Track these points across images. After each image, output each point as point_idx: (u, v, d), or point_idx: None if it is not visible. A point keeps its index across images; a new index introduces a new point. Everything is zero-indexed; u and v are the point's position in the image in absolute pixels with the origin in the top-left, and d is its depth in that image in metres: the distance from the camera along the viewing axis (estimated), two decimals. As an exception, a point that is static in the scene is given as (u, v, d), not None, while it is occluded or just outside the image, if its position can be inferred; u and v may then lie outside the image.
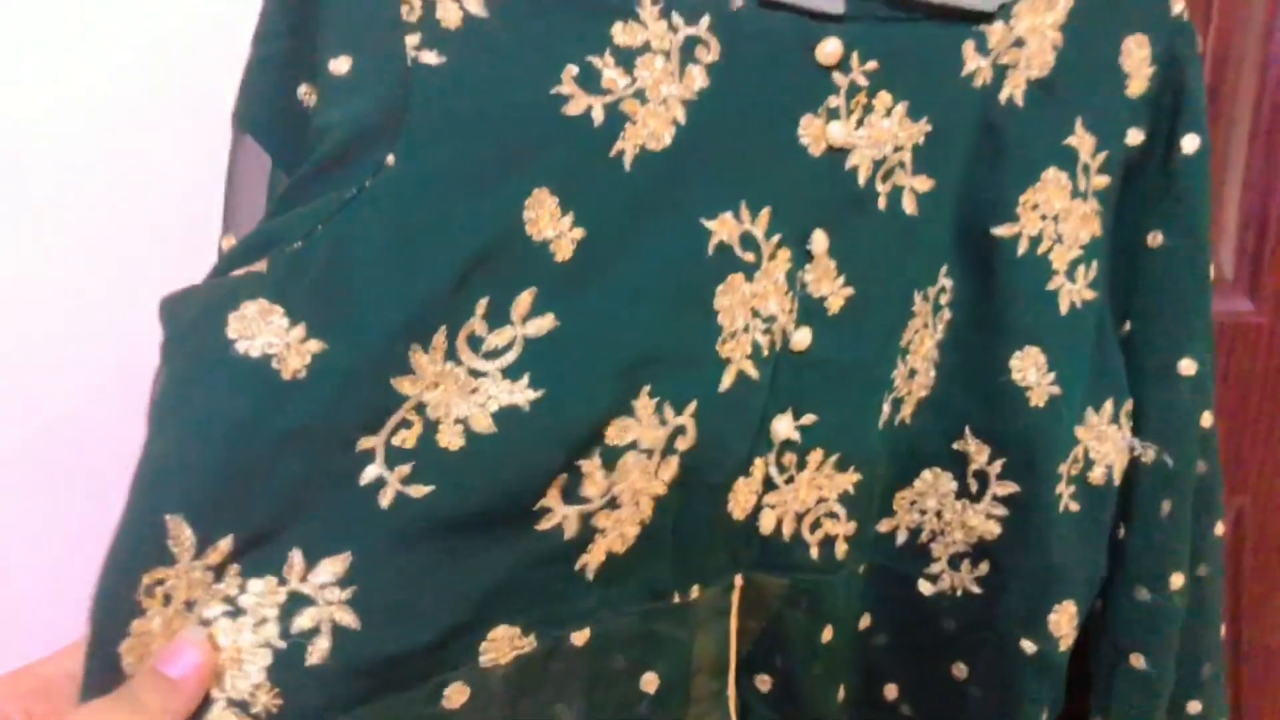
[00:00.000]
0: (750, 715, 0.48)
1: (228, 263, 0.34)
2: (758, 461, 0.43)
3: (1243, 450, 0.68)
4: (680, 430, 0.40)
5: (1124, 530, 0.49)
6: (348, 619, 0.35)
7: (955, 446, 0.47)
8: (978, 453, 0.47)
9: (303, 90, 0.37)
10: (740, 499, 0.43)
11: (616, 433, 0.39)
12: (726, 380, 0.41)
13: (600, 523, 0.39)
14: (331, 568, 0.34)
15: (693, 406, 0.40)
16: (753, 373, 0.42)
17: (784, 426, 0.44)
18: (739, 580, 0.45)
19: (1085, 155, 0.46)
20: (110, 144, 0.52)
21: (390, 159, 0.34)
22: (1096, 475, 0.48)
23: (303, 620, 0.34)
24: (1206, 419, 0.49)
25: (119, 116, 0.51)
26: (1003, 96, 0.44)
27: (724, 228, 0.40)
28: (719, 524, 0.43)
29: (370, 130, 0.34)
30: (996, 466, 0.47)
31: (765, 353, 0.42)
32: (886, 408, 0.46)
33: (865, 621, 0.49)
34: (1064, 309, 0.46)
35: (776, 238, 0.41)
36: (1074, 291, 0.46)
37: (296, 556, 0.34)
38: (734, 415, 0.42)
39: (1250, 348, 0.67)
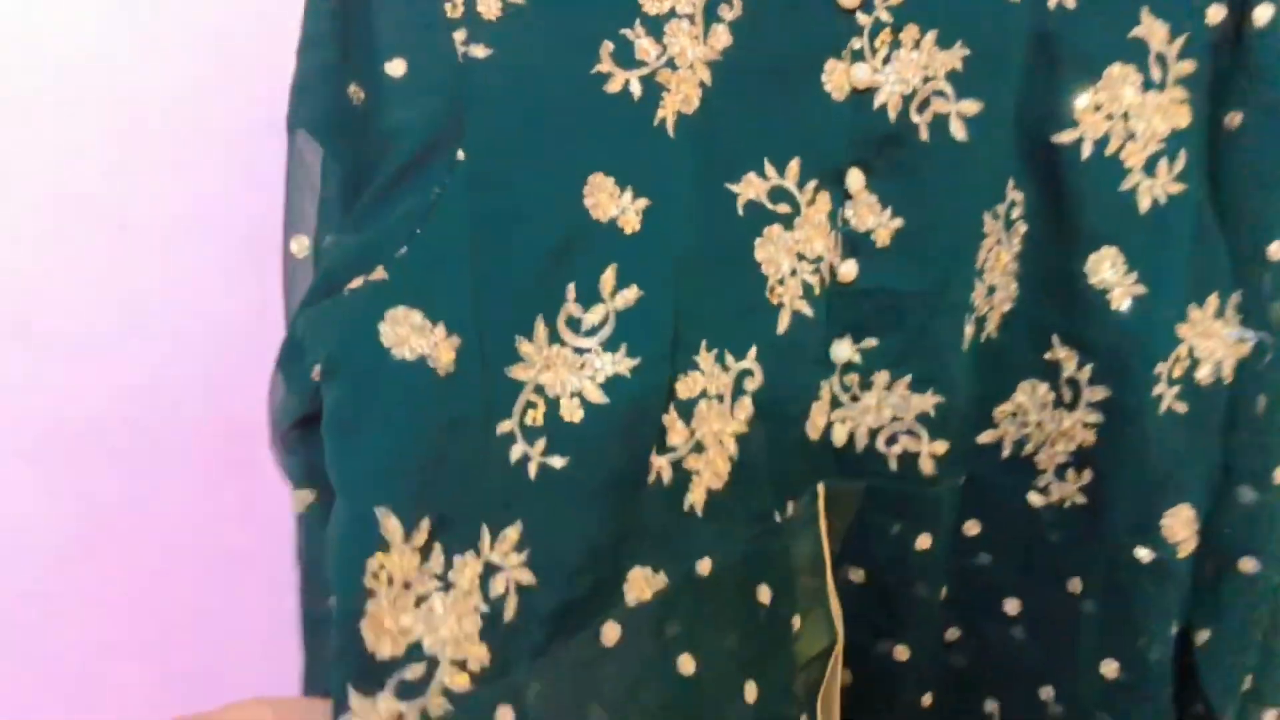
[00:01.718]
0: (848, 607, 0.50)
1: (330, 274, 0.40)
2: (824, 385, 0.47)
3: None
4: (746, 373, 0.45)
5: (1230, 430, 0.46)
6: (527, 578, 0.40)
7: (1046, 356, 0.47)
8: (1067, 360, 0.47)
9: (352, 89, 0.42)
10: (815, 420, 0.47)
11: (685, 387, 0.43)
12: (783, 322, 0.45)
13: (691, 465, 0.44)
14: (511, 536, 0.40)
15: (753, 351, 0.45)
16: (808, 311, 0.45)
17: (844, 350, 0.47)
18: (821, 489, 0.48)
19: (1158, 44, 0.44)
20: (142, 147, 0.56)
21: (460, 154, 0.39)
22: (1203, 374, 0.45)
23: (496, 585, 0.40)
24: None
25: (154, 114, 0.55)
26: (1051, 2, 0.44)
27: (749, 188, 0.44)
28: (800, 446, 0.47)
29: (440, 129, 0.39)
30: (1086, 372, 0.46)
31: (817, 291, 0.46)
32: (969, 328, 0.47)
33: (974, 529, 0.50)
34: (1144, 207, 0.45)
35: (812, 184, 0.45)
36: (1155, 187, 0.45)
37: (485, 531, 0.39)
38: (796, 352, 0.46)
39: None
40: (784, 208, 0.44)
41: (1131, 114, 0.44)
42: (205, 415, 0.64)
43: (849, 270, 0.46)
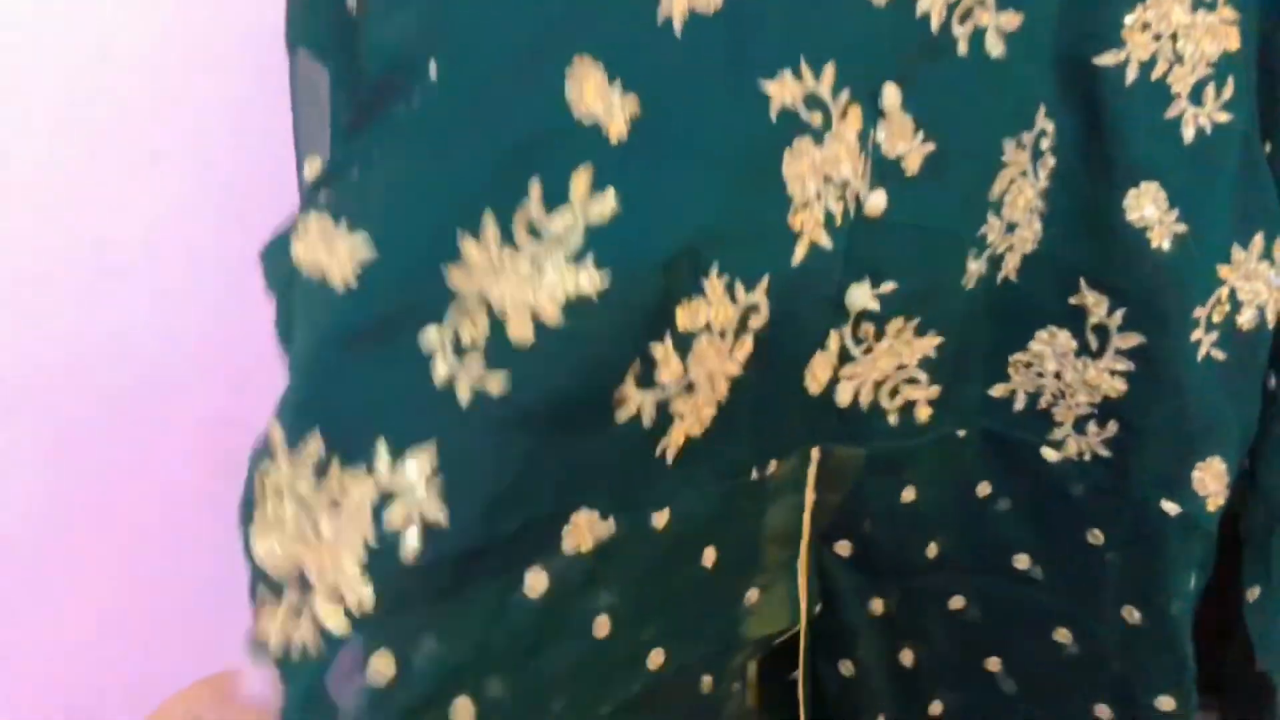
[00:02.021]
0: (830, 579, 0.48)
1: (307, 200, 0.36)
2: (833, 334, 0.42)
3: None
4: (753, 308, 0.39)
5: (1274, 379, 0.44)
6: (436, 513, 0.35)
7: (1071, 301, 0.44)
8: (1096, 305, 0.43)
9: (350, 3, 0.37)
10: (817, 373, 0.42)
11: (688, 316, 0.38)
12: (799, 253, 0.40)
13: (678, 407, 0.39)
14: (418, 462, 0.34)
15: (764, 283, 0.39)
16: (825, 243, 0.40)
17: (861, 296, 0.42)
18: (815, 453, 0.44)
19: (1209, -43, 0.40)
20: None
21: (433, 67, 0.34)
22: (1246, 319, 0.43)
23: (393, 517, 0.34)
24: None
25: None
26: (1099, -90, 0.40)
27: (784, 90, 0.38)
28: (795, 399, 0.42)
29: (414, 42, 0.34)
30: (1117, 318, 0.43)
31: (839, 220, 0.40)
32: (977, 265, 0.43)
33: (985, 489, 0.48)
34: (1189, 137, 0.41)
35: (845, 94, 0.39)
36: (1201, 116, 0.41)
37: (383, 450, 0.34)
38: (808, 289, 0.41)
39: None
40: (816, 118, 0.38)
41: (1180, 34, 0.41)
42: (205, 414, 0.65)
43: (877, 203, 0.41)
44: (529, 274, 0.34)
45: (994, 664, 0.51)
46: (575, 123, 0.35)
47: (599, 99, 0.35)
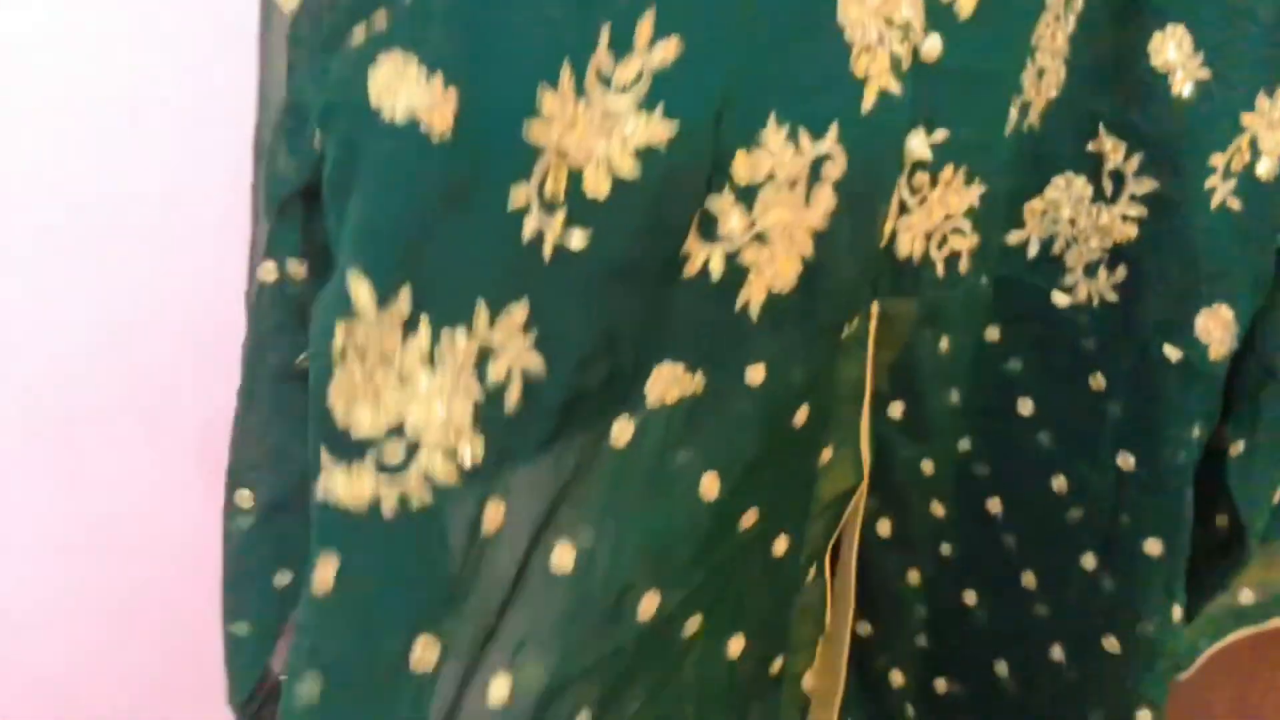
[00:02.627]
0: (886, 446, 0.49)
1: (334, 26, 0.34)
2: (895, 184, 0.42)
3: None
4: (826, 158, 0.39)
5: (1281, 231, 0.45)
6: (535, 365, 0.36)
7: (1090, 148, 0.45)
8: (1113, 150, 0.44)
9: None
10: (882, 225, 0.43)
11: (747, 168, 0.38)
12: (869, 99, 0.39)
13: (748, 259, 0.39)
14: (516, 316, 0.35)
15: (834, 131, 0.39)
16: (894, 88, 0.40)
17: (918, 144, 0.42)
18: (875, 308, 0.45)
19: None
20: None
21: None
22: (1264, 169, 0.43)
23: (495, 370, 0.35)
24: None
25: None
26: None
27: None
28: (870, 253, 0.43)
29: None
30: (1134, 163, 0.44)
31: (905, 64, 0.40)
32: (1014, 113, 0.44)
33: (994, 334, 0.49)
34: (1219, -20, 0.41)
35: None
36: (1234, -41, 0.41)
37: (482, 308, 0.35)
38: (882, 136, 0.40)
39: None
40: None
41: None
42: (205, 414, 0.63)
43: (932, 48, 0.40)
44: (602, 126, 0.34)
45: (995, 505, 0.53)
46: None
47: None
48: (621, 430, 0.39)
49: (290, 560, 0.44)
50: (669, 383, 0.39)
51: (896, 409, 0.48)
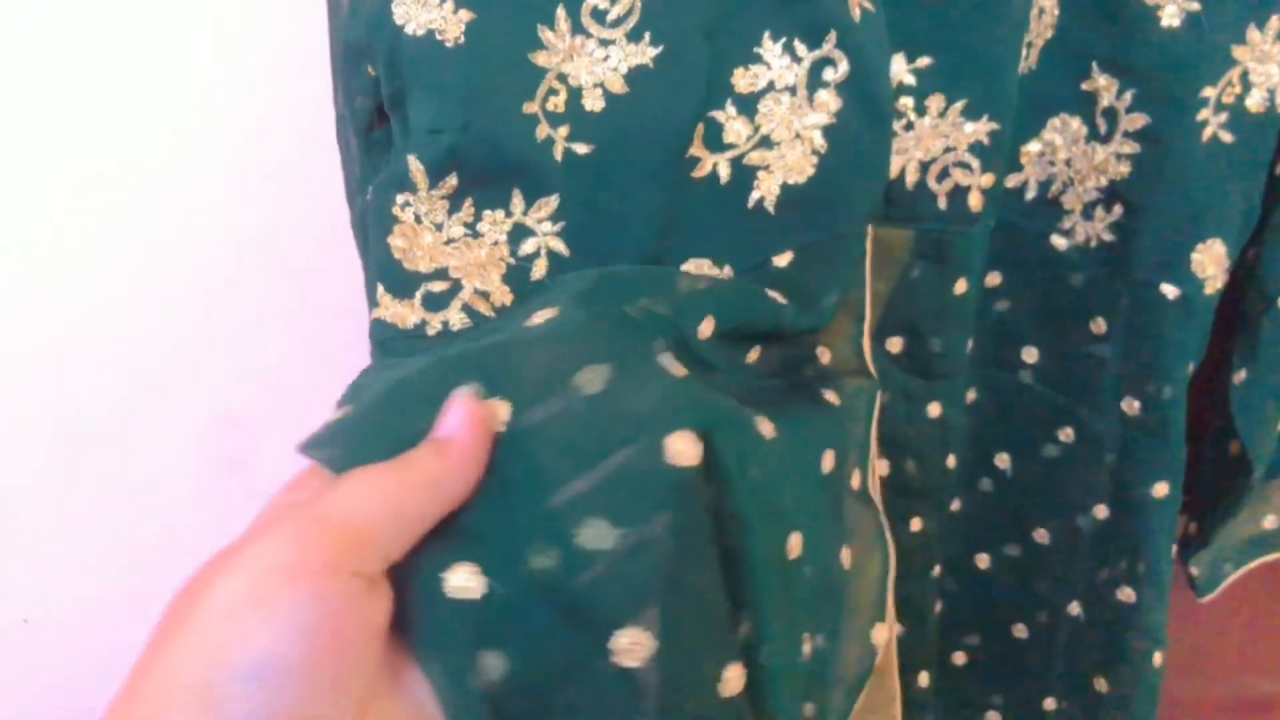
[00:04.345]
0: (883, 379, 0.49)
1: None
2: None
3: None
4: (825, 61, 0.41)
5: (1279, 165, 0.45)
6: (560, 247, 0.41)
7: (1084, 87, 0.45)
8: (1107, 88, 0.44)
9: None
10: None
11: (745, 81, 0.40)
12: (855, 10, 0.41)
13: (755, 161, 0.41)
14: (547, 205, 0.40)
15: (833, 37, 0.41)
16: (869, 5, 0.41)
17: (897, 68, 0.43)
18: (870, 230, 0.45)
19: None
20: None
21: None
22: (1254, 100, 0.43)
23: (526, 246, 0.41)
24: None
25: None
26: None
27: None
28: (881, 158, 0.43)
29: None
30: (1126, 99, 0.44)
31: None
32: (1024, 52, 0.44)
33: (995, 280, 0.49)
34: (1206, -89, 0.41)
35: None
36: (1217, -116, 0.41)
37: (517, 196, 0.40)
38: (874, 45, 0.41)
39: None
40: None
41: None
42: (205, 414, 0.66)
43: None
44: (597, 54, 0.39)
45: (1003, 460, 0.53)
46: None
47: None
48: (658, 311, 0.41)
49: None
50: (698, 273, 0.42)
51: (895, 344, 0.48)
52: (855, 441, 0.44)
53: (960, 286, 0.47)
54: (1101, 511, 0.51)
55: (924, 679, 0.55)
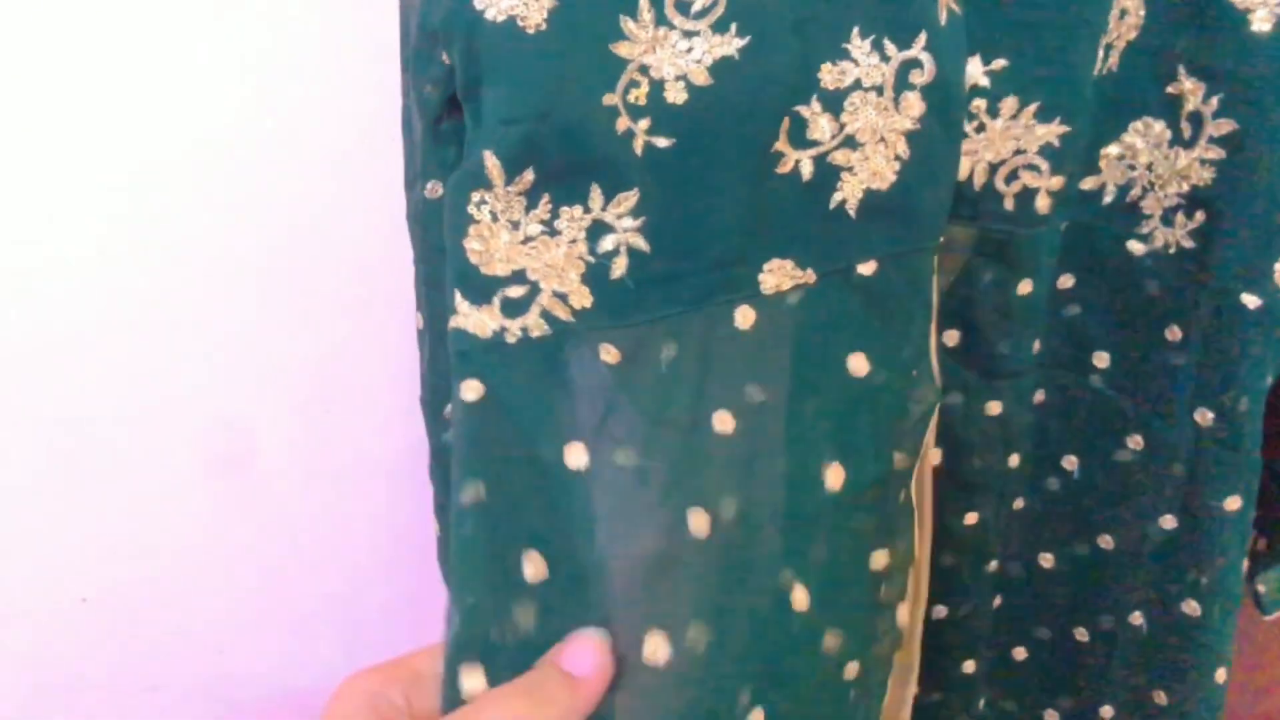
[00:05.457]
0: (940, 372, 0.49)
1: None
2: None
3: None
4: (913, 64, 0.41)
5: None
6: (640, 243, 0.40)
7: (1169, 90, 0.44)
8: (1193, 91, 0.44)
9: None
10: None
11: (832, 77, 0.40)
12: (942, 13, 0.41)
13: (839, 161, 0.41)
14: (627, 201, 0.40)
15: (922, 38, 0.40)
16: (955, 7, 0.41)
17: (973, 69, 0.43)
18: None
19: None
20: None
21: None
22: (1346, 108, 0.42)
23: (606, 243, 0.40)
24: None
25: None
26: None
27: None
28: (954, 164, 0.44)
29: None
30: (1213, 104, 0.43)
31: None
32: (1100, 53, 0.44)
33: (1067, 282, 0.49)
34: (1305, -88, 0.40)
35: None
36: (1320, -109, 0.40)
37: (596, 191, 0.40)
38: (956, 49, 0.42)
39: None
40: None
41: None
42: (205, 414, 0.66)
43: None
44: (681, 46, 0.39)
45: (1071, 462, 0.53)
46: None
47: None
48: (744, 313, 0.42)
49: None
50: (780, 276, 0.42)
51: (952, 337, 0.48)
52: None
53: (1025, 288, 0.46)
54: (1169, 522, 0.50)
55: (969, 665, 0.55)
